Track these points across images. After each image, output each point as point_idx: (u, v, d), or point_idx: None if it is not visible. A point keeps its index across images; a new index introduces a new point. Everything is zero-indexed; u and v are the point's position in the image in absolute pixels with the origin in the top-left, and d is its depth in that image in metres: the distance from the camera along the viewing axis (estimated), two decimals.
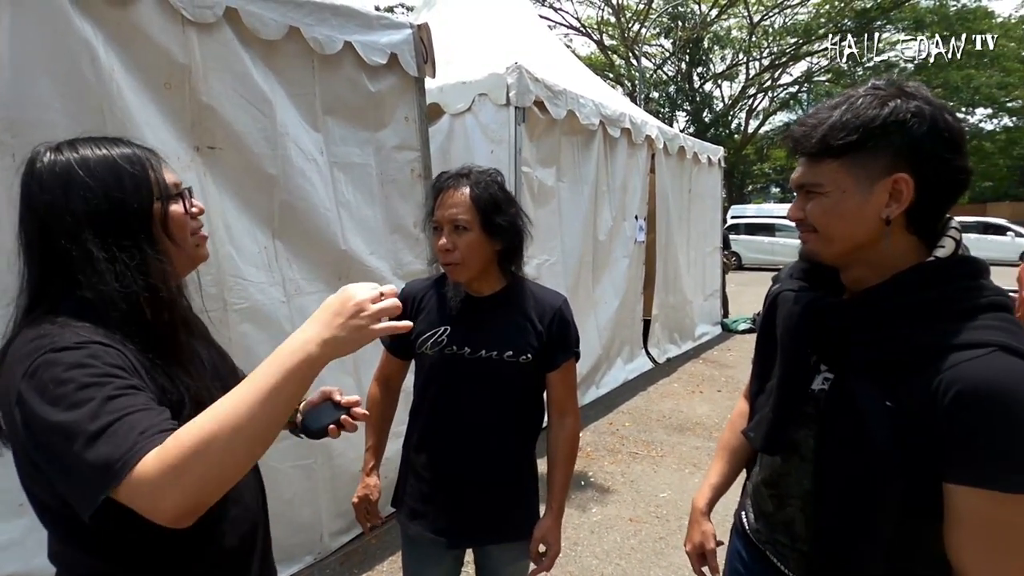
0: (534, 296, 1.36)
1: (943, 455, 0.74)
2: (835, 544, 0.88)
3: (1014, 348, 0.72)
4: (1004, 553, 0.73)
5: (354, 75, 2.51)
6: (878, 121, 0.76)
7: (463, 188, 1.26)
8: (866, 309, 0.83)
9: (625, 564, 2.50)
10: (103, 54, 1.74)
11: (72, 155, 0.80)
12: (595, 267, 4.58)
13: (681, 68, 23.58)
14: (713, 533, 1.19)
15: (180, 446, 0.65)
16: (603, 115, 4.34)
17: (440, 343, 1.33)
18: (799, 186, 0.86)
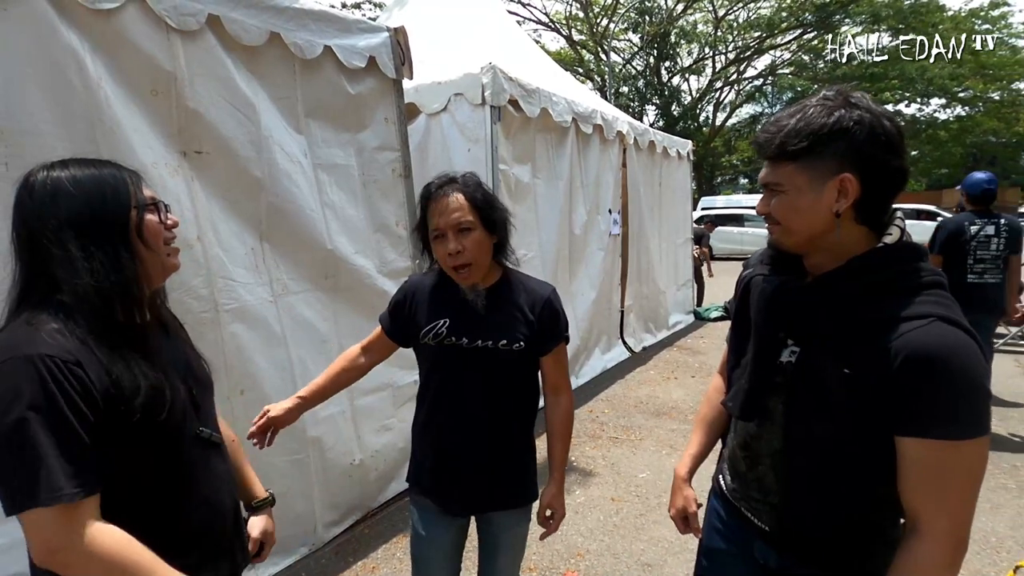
0: (525, 287, 1.47)
1: (893, 412, 0.85)
2: (801, 494, 1.01)
3: (950, 319, 0.84)
4: (945, 491, 0.85)
5: (334, 78, 2.57)
6: (825, 129, 0.87)
7: (456, 193, 1.35)
8: (825, 290, 0.94)
9: (608, 540, 2.63)
10: (90, 63, 1.77)
11: (63, 172, 0.93)
12: (571, 261, 4.72)
13: (649, 63, 23.92)
14: (695, 498, 1.31)
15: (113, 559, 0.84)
16: (575, 112, 4.46)
17: (440, 335, 1.42)
18: (764, 185, 0.98)
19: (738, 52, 23.15)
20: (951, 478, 0.84)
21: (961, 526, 0.86)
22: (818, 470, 0.97)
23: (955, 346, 0.83)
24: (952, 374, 0.82)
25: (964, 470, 0.84)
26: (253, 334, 2.30)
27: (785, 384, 1.00)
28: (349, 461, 2.71)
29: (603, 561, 2.49)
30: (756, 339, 1.06)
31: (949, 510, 0.85)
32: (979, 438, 0.83)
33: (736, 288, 1.18)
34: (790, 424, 1.00)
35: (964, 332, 0.85)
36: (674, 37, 22.53)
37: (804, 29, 21.52)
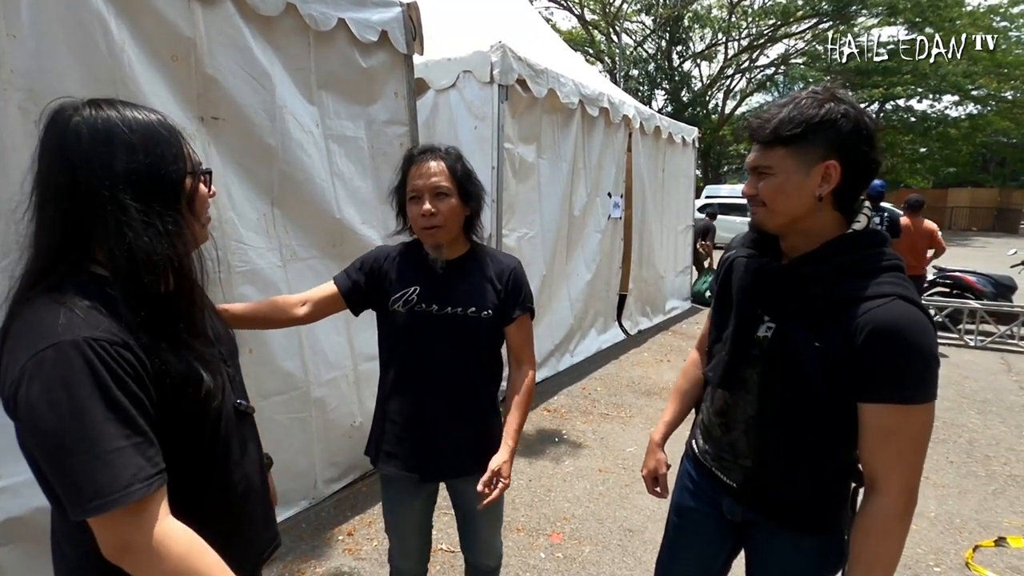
0: (492, 259, 1.52)
1: (857, 381, 0.96)
2: (772, 457, 1.12)
3: (909, 298, 0.95)
4: (899, 451, 0.96)
5: (347, 51, 2.62)
6: (816, 118, 0.96)
7: (438, 160, 1.41)
8: (800, 270, 1.04)
9: (594, 507, 2.77)
10: (115, 27, 1.84)
11: (112, 113, 0.79)
12: (569, 241, 4.80)
13: (661, 46, 23.64)
14: (665, 460, 1.42)
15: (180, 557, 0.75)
16: (582, 94, 4.50)
17: (410, 301, 1.45)
18: (753, 168, 1.06)
19: (751, 39, 22.86)
20: (905, 439, 0.95)
21: (912, 481, 0.97)
22: (788, 435, 1.07)
23: (912, 321, 0.93)
24: (910, 346, 0.92)
25: (916, 431, 0.95)
26: (262, 296, 2.39)
27: (761, 356, 1.10)
28: (350, 423, 2.83)
29: (587, 525, 2.63)
30: (736, 315, 1.15)
31: (903, 468, 0.96)
32: (929, 403, 0.94)
33: (718, 268, 1.27)
34: (764, 392, 1.10)
35: (920, 310, 0.95)
36: (687, 21, 22.23)
37: (820, 19, 21.22)
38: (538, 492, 2.90)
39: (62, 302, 0.74)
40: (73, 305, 0.74)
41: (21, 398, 0.71)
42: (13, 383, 0.72)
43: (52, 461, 0.71)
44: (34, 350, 0.71)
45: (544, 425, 3.77)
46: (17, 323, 0.77)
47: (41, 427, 0.70)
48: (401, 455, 1.50)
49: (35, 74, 1.69)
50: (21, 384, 0.71)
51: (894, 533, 0.97)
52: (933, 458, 3.39)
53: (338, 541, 2.44)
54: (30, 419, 0.71)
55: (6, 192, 1.68)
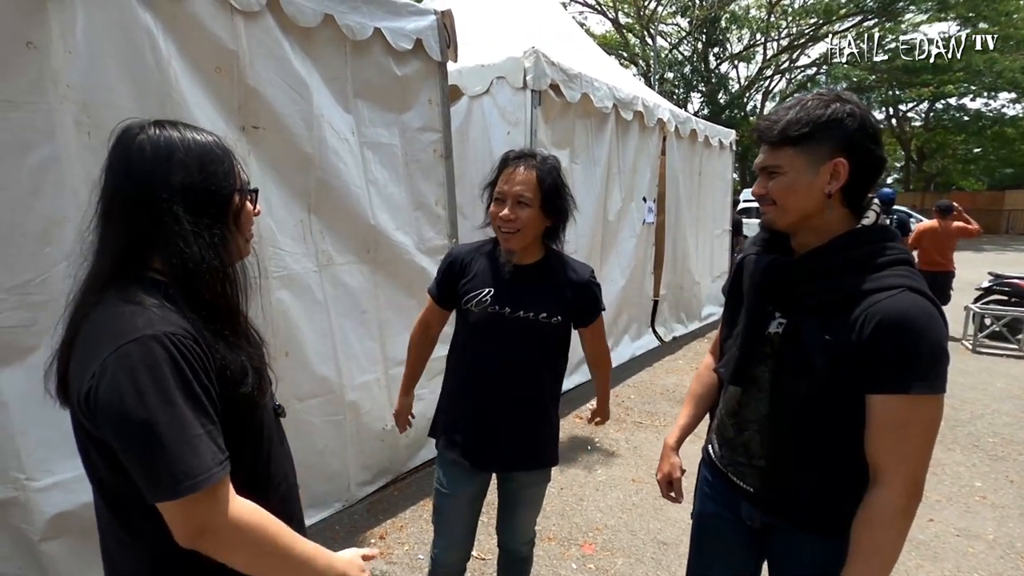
0: (567, 267, 1.58)
1: (866, 373, 0.96)
2: (785, 454, 1.10)
3: (918, 289, 0.96)
4: (905, 443, 0.95)
5: (382, 60, 2.67)
6: (823, 118, 0.99)
7: (531, 169, 1.46)
8: (810, 265, 1.05)
9: (627, 518, 2.72)
10: (162, 42, 1.92)
11: (174, 133, 0.87)
12: (603, 247, 4.75)
13: (697, 48, 23.28)
14: (680, 464, 1.41)
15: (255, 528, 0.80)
16: (616, 98, 4.46)
17: (484, 302, 1.52)
18: (762, 168, 1.07)
19: (792, 39, 22.28)
20: (911, 431, 0.94)
21: (918, 474, 0.96)
22: (801, 432, 1.07)
23: (920, 312, 0.94)
24: (918, 337, 0.92)
25: (923, 424, 0.95)
26: (298, 301, 2.45)
27: (771, 353, 1.11)
28: (382, 426, 2.86)
29: (620, 536, 2.57)
30: (748, 311, 1.16)
31: (908, 460, 0.95)
32: (937, 395, 0.94)
33: (732, 269, 1.29)
34: (776, 388, 1.10)
35: (929, 301, 0.95)
36: (724, 22, 21.81)
37: (864, 16, 20.52)
38: (570, 501, 2.87)
39: (135, 302, 0.80)
40: (146, 304, 0.79)
41: (104, 390, 0.75)
42: (93, 376, 0.76)
43: (141, 447, 0.75)
44: (115, 345, 0.76)
45: (576, 432, 3.72)
46: (89, 324, 0.82)
47: (131, 415, 0.74)
48: (465, 444, 1.58)
49: (88, 89, 1.77)
50: (104, 376, 0.75)
51: (895, 526, 0.96)
52: (992, 476, 3.20)
53: (370, 544, 2.46)
54: (117, 409, 0.74)
55: (62, 201, 1.77)
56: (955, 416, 4.11)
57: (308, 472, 2.61)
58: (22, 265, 1.73)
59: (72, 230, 1.81)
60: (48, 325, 1.78)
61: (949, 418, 4.07)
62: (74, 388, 0.81)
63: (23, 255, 1.73)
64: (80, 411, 0.79)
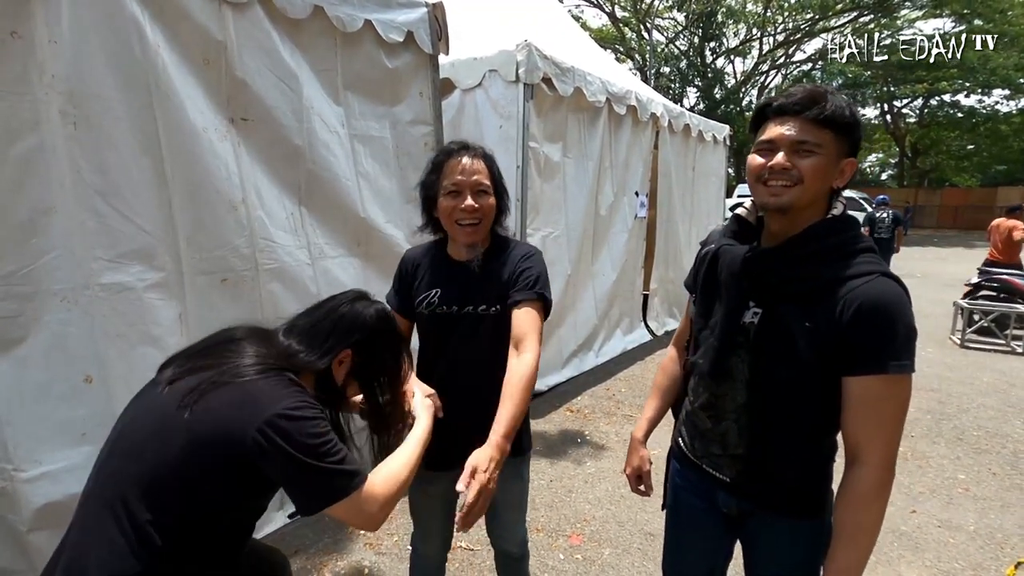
0: (512, 249, 1.50)
1: (845, 356, 0.99)
2: (765, 440, 1.12)
3: (890, 274, 1.00)
4: (881, 421, 0.99)
5: (373, 52, 2.66)
6: (857, 117, 1.03)
7: (478, 158, 1.43)
8: (790, 252, 1.07)
9: (615, 509, 2.74)
10: (150, 32, 1.91)
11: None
12: (595, 241, 4.76)
13: (693, 43, 23.23)
14: (648, 458, 1.42)
15: (395, 480, 1.12)
16: (609, 92, 4.46)
17: (432, 303, 1.47)
18: (798, 142, 1.01)
19: (788, 34, 22.28)
20: (887, 410, 0.99)
21: (892, 451, 1.01)
22: (780, 419, 1.10)
23: (896, 296, 0.98)
24: (895, 319, 0.97)
25: (898, 402, 0.99)
26: (290, 294, 2.45)
27: (746, 343, 1.12)
28: None
29: (607, 528, 2.60)
30: (727, 300, 1.16)
31: (884, 438, 1.00)
32: (909, 375, 0.98)
33: (697, 262, 1.28)
34: (754, 378, 1.12)
35: (899, 285, 1.00)
36: (721, 16, 21.78)
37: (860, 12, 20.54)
38: (559, 493, 2.89)
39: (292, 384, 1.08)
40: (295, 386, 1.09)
41: (269, 431, 0.97)
42: (258, 419, 0.98)
43: (307, 467, 1.00)
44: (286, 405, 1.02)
45: (567, 426, 3.75)
46: (251, 385, 1.04)
47: (303, 444, 1.00)
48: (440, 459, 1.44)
49: (74, 78, 1.76)
50: (275, 423, 0.98)
51: (877, 502, 1.00)
52: (975, 469, 3.25)
53: (359, 535, 2.47)
54: (289, 441, 0.98)
55: (48, 192, 1.76)
56: (941, 410, 4.15)
57: None
58: (8, 256, 1.72)
59: (58, 221, 1.81)
60: (34, 316, 1.78)
61: (935, 411, 4.12)
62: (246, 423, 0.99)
63: (8, 246, 1.72)
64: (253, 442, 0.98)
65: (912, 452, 3.46)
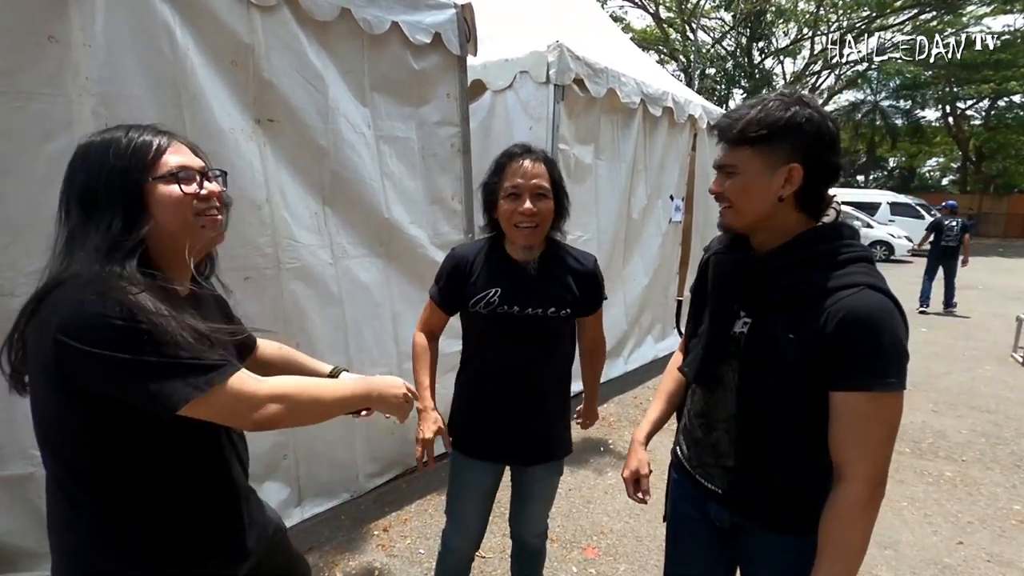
0: (571, 257, 1.58)
1: (829, 370, 0.96)
2: (753, 451, 1.10)
3: (878, 287, 0.96)
4: (867, 440, 0.95)
5: (400, 53, 2.66)
6: (782, 121, 0.98)
7: (539, 162, 1.46)
8: (772, 263, 1.05)
9: (634, 523, 2.66)
10: (179, 35, 1.96)
11: (94, 137, 0.93)
12: (627, 245, 4.66)
13: (741, 43, 22.61)
14: (648, 461, 1.37)
15: (286, 385, 0.95)
16: (645, 93, 4.35)
17: (492, 303, 1.50)
18: (720, 166, 1.07)
19: (842, 33, 21.40)
20: (873, 427, 0.95)
21: (880, 470, 0.97)
22: (768, 431, 1.07)
23: (880, 309, 0.94)
24: (878, 334, 0.92)
25: (883, 421, 0.95)
26: (311, 292, 2.48)
27: (737, 353, 1.10)
28: (392, 419, 2.87)
29: (625, 542, 2.52)
30: (713, 309, 1.17)
31: (870, 456, 0.96)
32: (898, 392, 0.94)
33: (699, 269, 1.28)
34: (743, 387, 1.09)
35: (889, 299, 0.95)
36: (770, 16, 21.13)
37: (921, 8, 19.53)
38: (576, 503, 2.82)
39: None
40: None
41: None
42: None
43: (141, 365, 0.85)
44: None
45: (590, 433, 3.65)
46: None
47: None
48: (481, 443, 1.61)
49: (105, 80, 1.82)
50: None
51: (861, 520, 0.97)
52: None
53: (373, 536, 2.47)
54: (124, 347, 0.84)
55: None
56: (998, 433, 3.87)
57: (317, 461, 2.65)
58: (40, 251, 1.78)
59: None
60: None
61: (991, 435, 3.84)
62: None
63: (40, 241, 1.78)
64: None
65: (962, 478, 3.23)
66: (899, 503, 2.93)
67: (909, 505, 2.92)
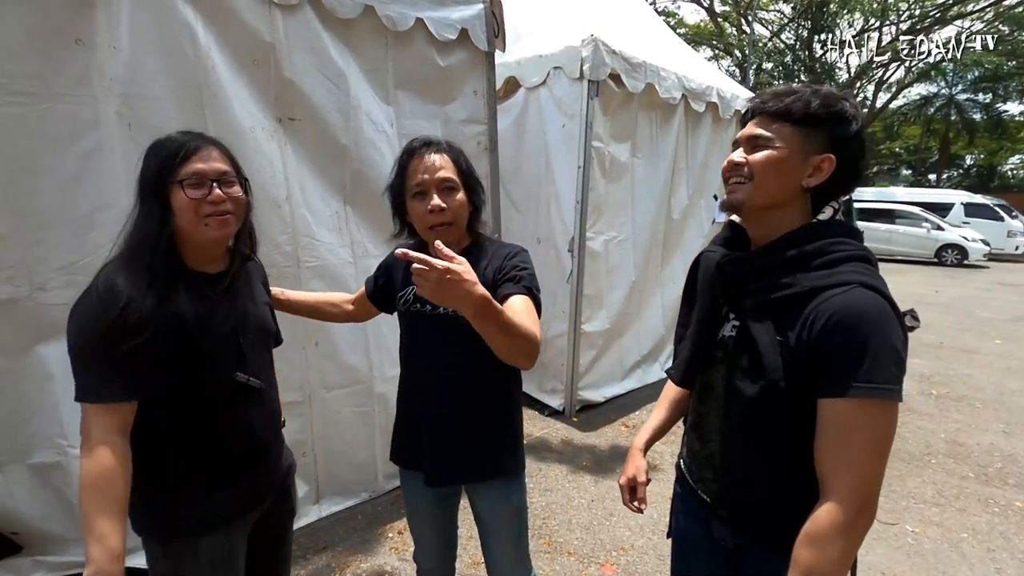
0: (492, 250, 1.38)
1: (816, 375, 0.88)
2: (736, 461, 1.03)
3: (872, 285, 0.88)
4: (851, 450, 0.86)
5: (425, 51, 2.62)
6: (833, 108, 0.94)
7: (442, 153, 1.33)
8: (760, 261, 0.99)
9: (657, 540, 2.52)
10: (201, 35, 1.98)
11: (157, 139, 1.15)
12: (666, 246, 4.48)
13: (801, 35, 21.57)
14: (646, 468, 1.32)
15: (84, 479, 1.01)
16: (686, 88, 4.17)
17: (408, 300, 1.41)
18: (750, 137, 0.98)
19: (913, 22, 20.05)
20: (861, 438, 0.85)
21: (866, 486, 0.86)
22: (753, 441, 0.99)
23: (872, 309, 0.86)
24: (869, 335, 0.84)
25: (870, 430, 0.85)
26: (331, 291, 2.47)
27: (725, 358, 1.04)
28: None
29: (646, 560, 2.39)
30: (700, 310, 1.11)
31: (856, 470, 0.86)
32: (888, 400, 0.84)
33: (690, 268, 1.22)
34: (728, 395, 1.03)
35: (883, 298, 0.87)
36: (834, 6, 20.04)
37: None
38: (598, 514, 2.71)
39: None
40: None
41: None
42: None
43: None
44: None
45: (619, 441, 3.54)
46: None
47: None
48: (410, 457, 1.46)
49: (130, 82, 1.86)
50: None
51: (835, 542, 0.85)
52: None
53: (387, 538, 2.45)
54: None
55: (105, 188, 1.87)
56: None
57: (335, 460, 2.65)
58: (68, 247, 1.85)
59: (113, 216, 1.92)
60: None
61: None
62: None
63: (69, 238, 1.85)
64: None
65: None
66: (959, 535, 2.67)
67: (970, 537, 2.65)
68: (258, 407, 1.27)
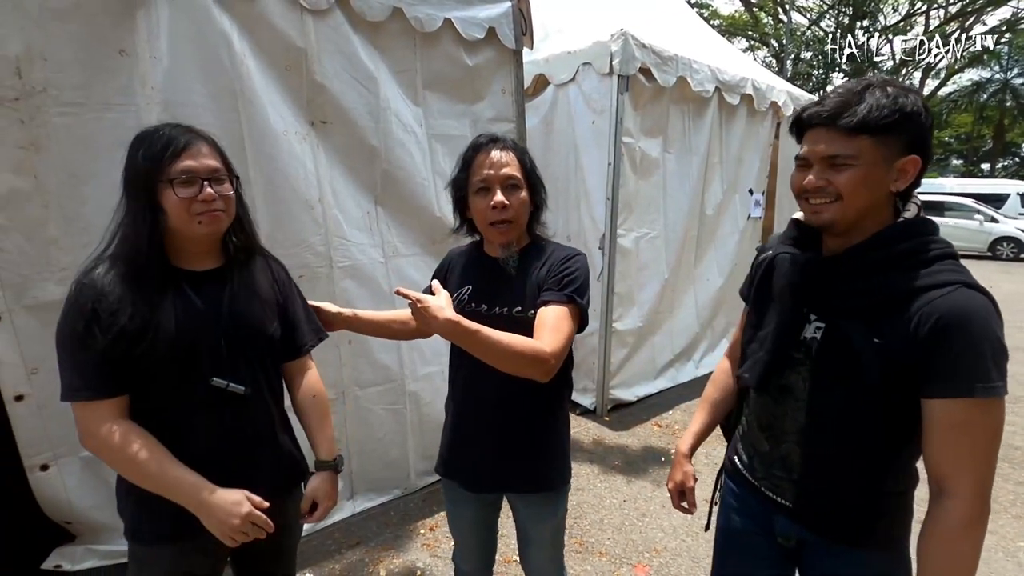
0: (550, 251, 1.37)
1: (922, 376, 0.89)
2: (824, 466, 1.04)
3: (973, 284, 0.90)
4: (970, 450, 0.89)
5: (453, 50, 2.64)
6: (907, 109, 0.91)
7: (508, 150, 1.32)
8: (852, 263, 0.98)
9: (691, 542, 2.48)
10: (237, 43, 2.04)
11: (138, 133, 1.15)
12: (699, 243, 4.39)
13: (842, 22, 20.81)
14: (693, 473, 1.35)
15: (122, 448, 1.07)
16: (720, 81, 4.07)
17: (463, 301, 1.38)
18: (828, 156, 0.94)
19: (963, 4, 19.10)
20: (977, 436, 0.88)
21: (986, 482, 0.89)
22: (844, 443, 1.00)
23: (980, 309, 0.87)
24: (979, 336, 0.86)
25: (988, 428, 0.88)
26: (363, 291, 2.52)
27: (807, 360, 1.04)
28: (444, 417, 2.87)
29: (679, 562, 2.35)
30: (780, 312, 1.09)
31: (975, 467, 0.89)
32: (1000, 398, 0.87)
33: (753, 269, 1.21)
34: (815, 398, 1.03)
35: (986, 297, 0.89)
36: None
37: None
38: (631, 515, 2.68)
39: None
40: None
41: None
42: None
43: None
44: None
45: (652, 441, 3.49)
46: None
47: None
48: (454, 463, 1.46)
49: (169, 89, 1.92)
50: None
51: (967, 539, 0.89)
52: None
53: (419, 535, 2.48)
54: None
55: None
56: None
57: (368, 457, 2.70)
58: None
59: None
60: None
61: None
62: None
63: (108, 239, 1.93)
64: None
65: None
66: (1015, 543, 2.53)
67: None
68: (241, 414, 1.19)
